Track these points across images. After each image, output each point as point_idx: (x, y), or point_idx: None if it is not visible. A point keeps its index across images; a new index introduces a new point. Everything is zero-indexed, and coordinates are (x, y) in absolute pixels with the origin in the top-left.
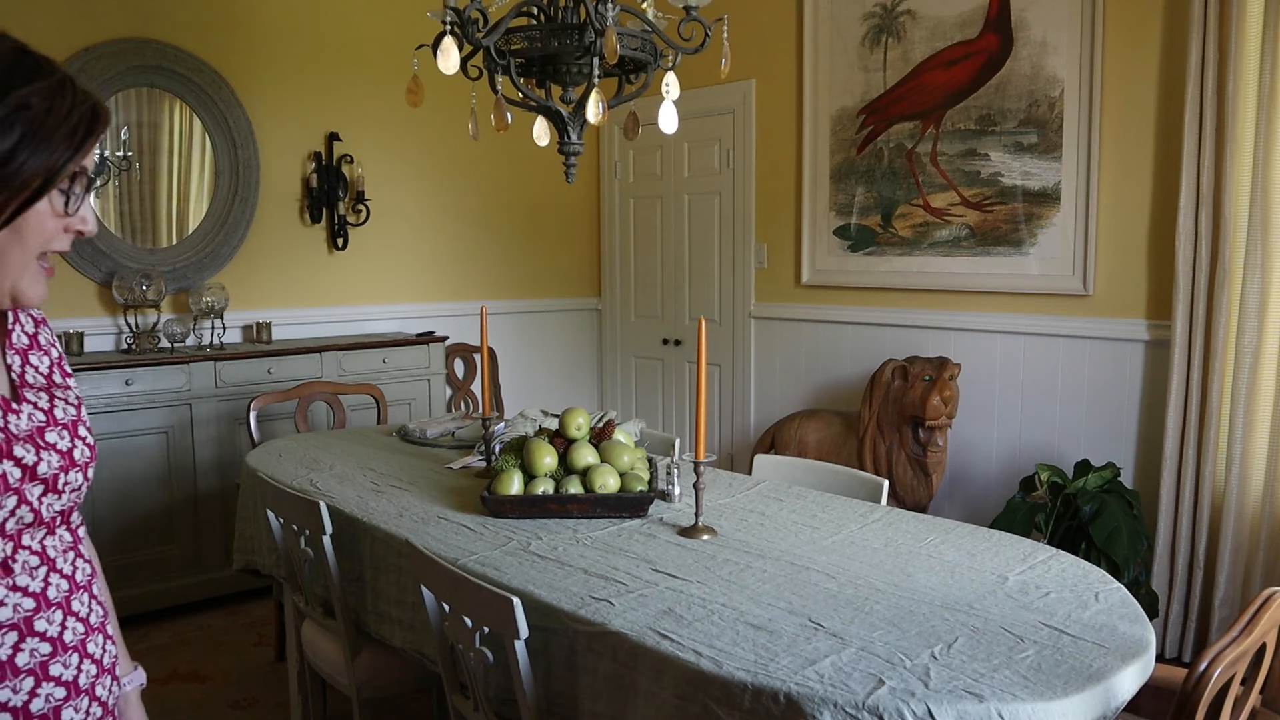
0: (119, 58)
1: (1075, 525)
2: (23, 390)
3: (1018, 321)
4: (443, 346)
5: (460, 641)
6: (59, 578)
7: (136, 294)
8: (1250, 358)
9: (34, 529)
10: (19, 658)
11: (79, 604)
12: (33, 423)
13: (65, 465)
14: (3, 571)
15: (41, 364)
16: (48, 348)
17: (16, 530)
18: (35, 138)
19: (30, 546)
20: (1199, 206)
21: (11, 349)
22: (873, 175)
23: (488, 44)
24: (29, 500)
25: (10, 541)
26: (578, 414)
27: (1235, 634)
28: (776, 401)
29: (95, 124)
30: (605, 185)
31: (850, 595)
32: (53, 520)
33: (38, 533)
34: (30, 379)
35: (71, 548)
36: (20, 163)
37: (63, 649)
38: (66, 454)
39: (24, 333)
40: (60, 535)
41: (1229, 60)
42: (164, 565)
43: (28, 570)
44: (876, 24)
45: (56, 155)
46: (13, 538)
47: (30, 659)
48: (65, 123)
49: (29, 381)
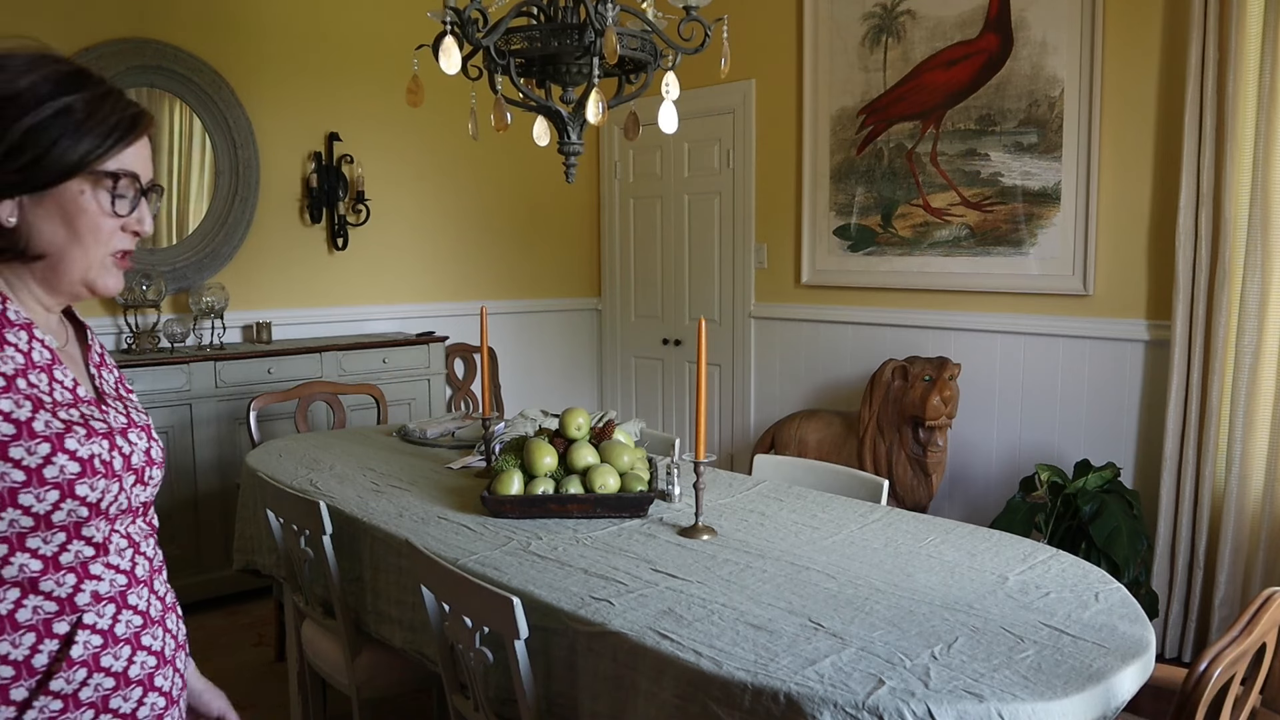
0: (119, 58)
1: (1075, 525)
2: (105, 398)
3: (1018, 321)
4: (443, 346)
5: (460, 641)
6: (143, 559)
7: (136, 294)
8: (1250, 358)
9: (125, 516)
10: (117, 628)
11: (159, 584)
12: (118, 424)
13: (148, 462)
14: (101, 550)
15: (109, 378)
16: (111, 366)
17: (116, 515)
18: (75, 133)
19: (120, 531)
20: (1199, 206)
21: (92, 363)
22: (873, 175)
23: (488, 44)
24: (125, 488)
25: (109, 524)
26: (578, 414)
27: (1235, 634)
28: (776, 401)
29: (134, 127)
30: (605, 185)
31: (850, 595)
32: (138, 509)
33: (126, 520)
34: (106, 390)
35: (149, 535)
36: (59, 153)
37: (150, 622)
38: (146, 453)
39: (97, 350)
40: (139, 525)
41: (1229, 60)
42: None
43: (119, 551)
44: (876, 24)
45: (90, 147)
46: (111, 521)
47: (126, 629)
48: (104, 123)
49: (105, 391)
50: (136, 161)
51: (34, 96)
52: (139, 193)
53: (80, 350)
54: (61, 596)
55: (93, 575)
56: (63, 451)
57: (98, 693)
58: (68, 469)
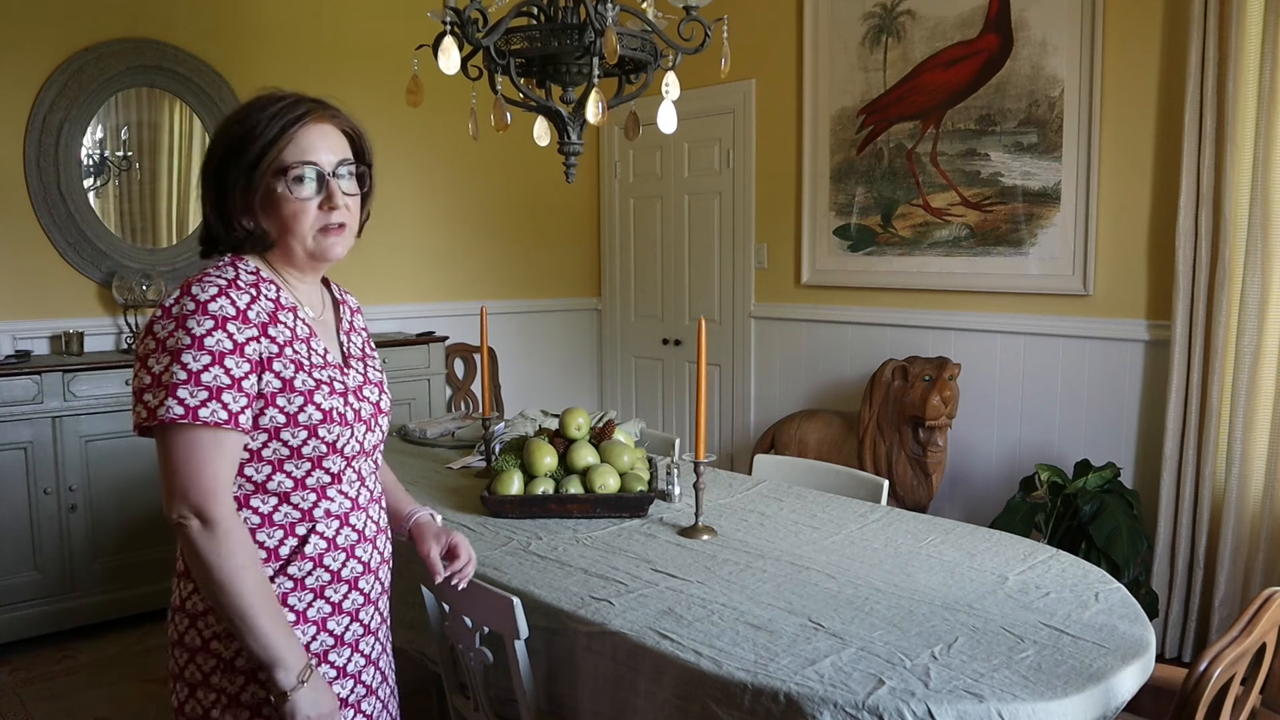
0: (119, 58)
1: (1075, 525)
2: (350, 360)
3: (1018, 321)
4: (443, 346)
5: (460, 641)
6: (365, 490)
7: (136, 294)
8: (1250, 358)
9: (359, 456)
10: (339, 538)
11: (375, 511)
12: (356, 381)
13: (376, 412)
14: (336, 479)
15: (356, 341)
16: (359, 329)
17: (351, 455)
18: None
19: (354, 467)
20: (1199, 206)
21: (342, 331)
22: (873, 175)
23: (488, 44)
24: (356, 435)
25: (344, 460)
26: (578, 414)
27: (1235, 634)
28: (776, 401)
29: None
30: (605, 185)
31: (850, 595)
32: (370, 451)
33: (361, 459)
34: (353, 352)
35: (374, 472)
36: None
37: (363, 539)
38: (376, 404)
39: (348, 317)
40: (368, 463)
41: (1229, 60)
42: (165, 565)
43: (350, 481)
44: (876, 24)
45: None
46: (347, 458)
47: (345, 540)
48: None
49: (352, 353)
50: (310, 151)
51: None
52: (320, 176)
53: (334, 318)
54: (304, 508)
55: (327, 497)
56: (311, 404)
57: (318, 582)
58: (314, 416)
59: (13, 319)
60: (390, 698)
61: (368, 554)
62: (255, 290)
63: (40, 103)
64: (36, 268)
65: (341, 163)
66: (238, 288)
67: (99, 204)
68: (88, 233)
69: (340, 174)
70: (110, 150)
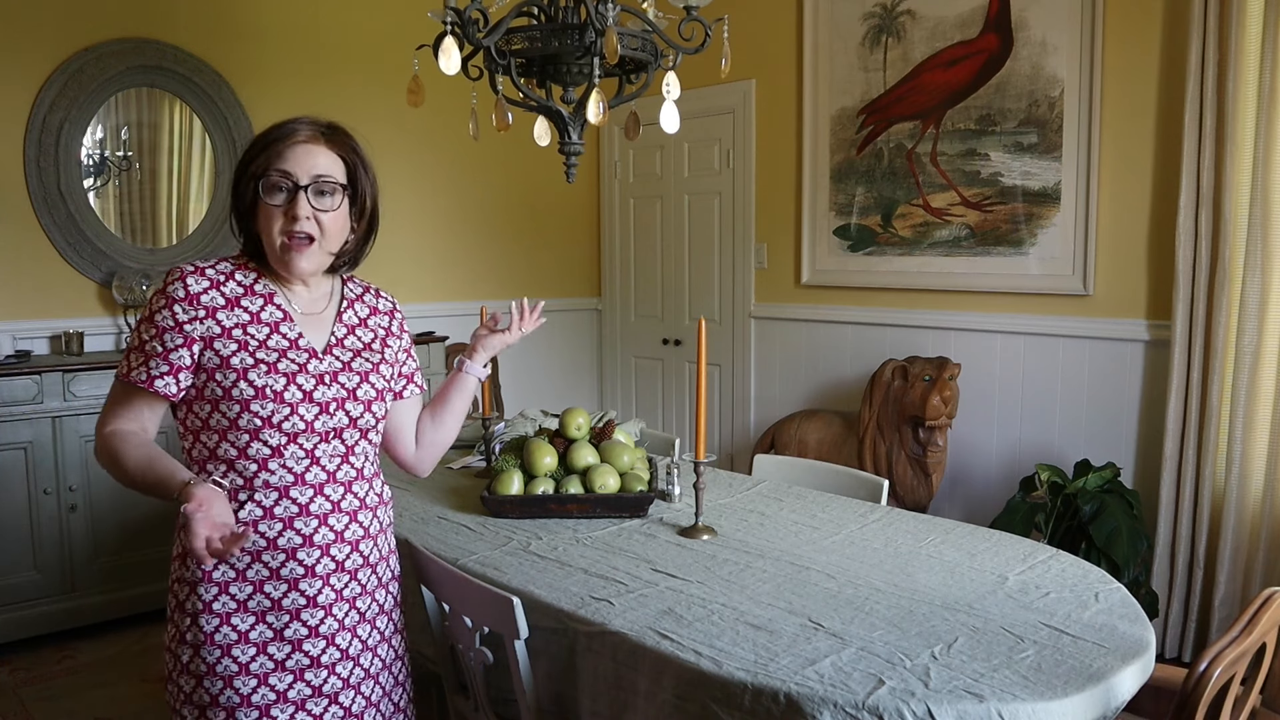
0: (119, 58)
1: (1075, 525)
2: (332, 348)
3: (1018, 321)
4: (443, 346)
5: (460, 641)
6: (318, 469)
7: (136, 294)
8: (1250, 358)
9: (307, 435)
10: (276, 509)
11: (330, 489)
12: (331, 367)
13: (344, 397)
14: (276, 454)
15: (364, 336)
16: (374, 328)
17: (292, 432)
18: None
19: (300, 444)
20: (1199, 206)
21: (341, 322)
22: (873, 175)
23: (488, 44)
24: (300, 414)
25: (285, 436)
26: (578, 414)
27: (1235, 634)
28: (776, 401)
29: (280, 137)
30: (605, 185)
31: (850, 595)
32: (326, 433)
33: (311, 438)
34: (348, 344)
35: (342, 457)
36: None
37: (306, 514)
38: (351, 390)
39: (356, 315)
40: (334, 445)
41: (1229, 60)
42: (164, 565)
43: (295, 458)
44: (876, 24)
45: (247, 157)
46: (289, 435)
47: (284, 512)
48: (261, 140)
49: (345, 345)
50: (288, 163)
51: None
52: (294, 188)
53: (335, 313)
54: (247, 476)
55: (268, 469)
56: (245, 380)
57: (254, 546)
58: (246, 392)
59: (13, 319)
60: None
61: (309, 527)
62: (224, 278)
63: (40, 103)
64: (36, 268)
65: (319, 179)
66: (202, 275)
67: (99, 204)
68: (88, 233)
69: (315, 188)
70: (110, 150)
